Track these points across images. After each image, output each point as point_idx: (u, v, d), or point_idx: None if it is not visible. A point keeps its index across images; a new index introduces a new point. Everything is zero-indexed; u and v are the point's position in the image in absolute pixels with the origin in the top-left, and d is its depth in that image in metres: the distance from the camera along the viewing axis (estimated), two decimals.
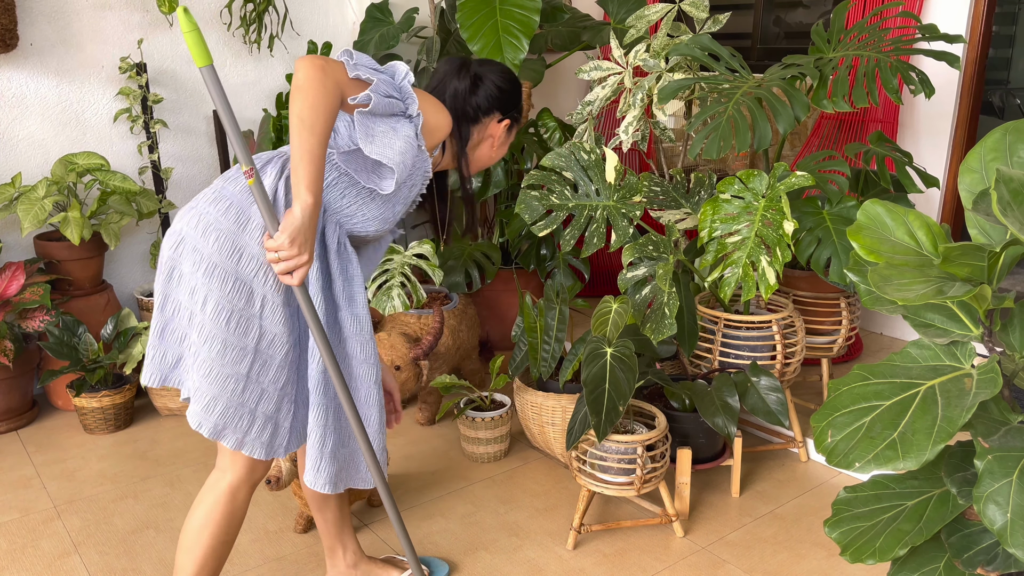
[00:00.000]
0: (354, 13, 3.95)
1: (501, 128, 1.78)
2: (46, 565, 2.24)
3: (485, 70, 1.75)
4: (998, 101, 5.42)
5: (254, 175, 1.47)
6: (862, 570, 2.21)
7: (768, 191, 2.36)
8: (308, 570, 2.21)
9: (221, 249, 1.55)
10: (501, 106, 1.76)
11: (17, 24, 3.04)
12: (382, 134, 1.53)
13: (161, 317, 1.64)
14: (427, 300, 3.19)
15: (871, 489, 1.32)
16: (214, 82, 1.41)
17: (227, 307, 1.56)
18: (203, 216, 1.57)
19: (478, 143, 1.78)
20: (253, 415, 1.65)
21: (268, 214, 1.50)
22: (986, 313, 1.17)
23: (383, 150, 1.52)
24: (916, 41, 2.52)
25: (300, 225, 1.46)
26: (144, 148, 3.43)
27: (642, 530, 2.38)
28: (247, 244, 1.56)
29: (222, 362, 1.58)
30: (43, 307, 2.92)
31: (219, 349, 1.57)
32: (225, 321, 1.56)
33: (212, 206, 1.58)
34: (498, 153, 1.84)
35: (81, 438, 2.97)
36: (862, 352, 3.49)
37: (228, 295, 1.55)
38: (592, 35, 3.51)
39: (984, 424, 1.14)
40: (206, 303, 1.56)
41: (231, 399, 1.61)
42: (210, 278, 1.55)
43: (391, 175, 1.56)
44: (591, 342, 2.29)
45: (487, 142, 1.79)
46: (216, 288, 1.55)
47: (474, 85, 1.72)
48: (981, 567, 1.17)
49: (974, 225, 1.20)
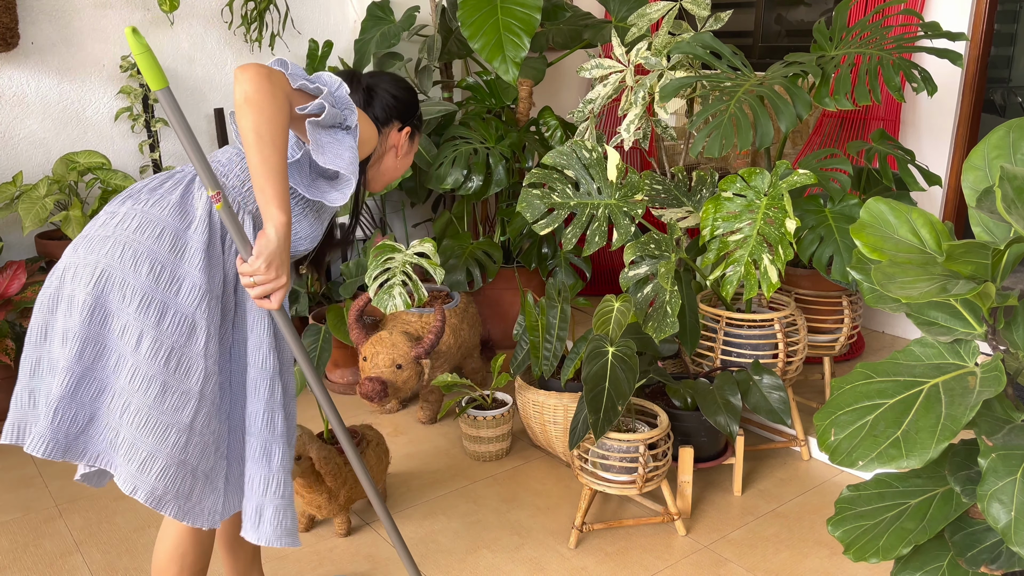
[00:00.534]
0: (355, 11, 3.95)
1: (403, 137, 1.70)
2: (48, 564, 2.24)
3: (376, 80, 1.68)
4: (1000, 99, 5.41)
5: (222, 199, 1.36)
6: (865, 569, 2.20)
7: (770, 189, 2.35)
8: (309, 569, 2.21)
9: (158, 280, 1.40)
10: (399, 115, 1.68)
11: (18, 23, 3.04)
12: (328, 144, 1.44)
13: (78, 366, 1.41)
14: (428, 299, 3.19)
15: (874, 487, 1.32)
16: (171, 105, 1.32)
17: (166, 344, 1.40)
18: (128, 245, 1.40)
19: (381, 155, 1.69)
20: (194, 475, 1.47)
21: (239, 236, 1.39)
22: (990, 311, 1.17)
23: (334, 159, 1.43)
24: (918, 39, 2.51)
25: (276, 248, 1.36)
26: (145, 147, 3.43)
27: (644, 529, 2.38)
28: (187, 273, 1.42)
29: (161, 409, 1.41)
30: None
31: (157, 393, 1.40)
32: (164, 360, 1.40)
33: (138, 234, 1.41)
34: (403, 164, 1.75)
35: None
36: (864, 350, 3.49)
37: (167, 330, 1.40)
38: (593, 33, 3.51)
39: (988, 422, 1.14)
40: (140, 341, 1.39)
41: (172, 455, 1.43)
42: (144, 313, 1.39)
43: (343, 186, 1.49)
44: (593, 341, 2.28)
45: (390, 153, 1.71)
46: (152, 323, 1.39)
47: (368, 97, 1.65)
48: (985, 565, 1.17)
49: (978, 223, 1.20)
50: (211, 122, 3.63)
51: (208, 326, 1.44)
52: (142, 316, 1.39)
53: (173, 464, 1.44)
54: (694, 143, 2.46)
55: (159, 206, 1.45)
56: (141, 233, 1.42)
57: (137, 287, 1.39)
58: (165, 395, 1.41)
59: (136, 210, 1.44)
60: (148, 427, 1.41)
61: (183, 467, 1.45)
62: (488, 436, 2.73)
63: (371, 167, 1.70)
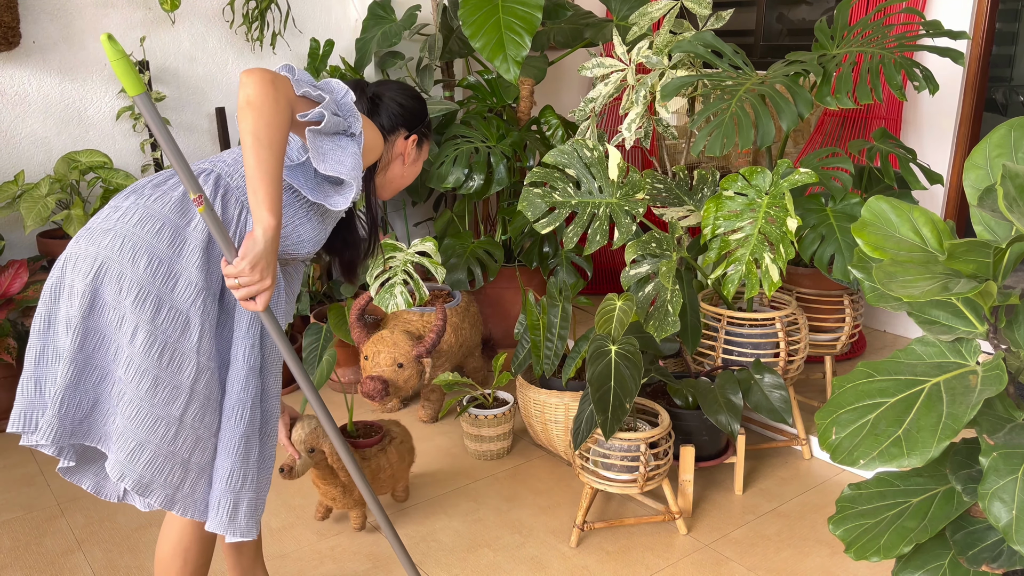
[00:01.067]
0: (356, 10, 3.95)
1: (409, 145, 1.71)
2: (49, 562, 2.24)
3: (382, 89, 1.69)
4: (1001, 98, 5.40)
5: (204, 202, 1.37)
6: (866, 568, 2.20)
7: (771, 188, 2.35)
8: (311, 567, 2.21)
9: (155, 274, 1.42)
10: (405, 122, 1.69)
11: (19, 22, 3.04)
12: (331, 151, 1.45)
13: (81, 355, 1.45)
14: (430, 298, 3.19)
15: (875, 486, 1.32)
16: (149, 110, 1.32)
17: (159, 338, 1.42)
18: (128, 238, 1.42)
19: (388, 163, 1.71)
20: (186, 467, 1.49)
21: (223, 240, 1.40)
22: (991, 310, 1.17)
23: (336, 166, 1.45)
24: (920, 37, 2.51)
25: (261, 250, 1.37)
26: (147, 146, 3.43)
27: (645, 528, 2.38)
28: (184, 269, 1.44)
29: (152, 402, 1.44)
30: None
31: (149, 387, 1.43)
32: (157, 354, 1.42)
33: (139, 227, 1.43)
34: (411, 171, 1.76)
35: None
36: (865, 349, 3.49)
37: (161, 325, 1.42)
38: (595, 32, 3.51)
39: (989, 421, 1.14)
40: (135, 334, 1.41)
41: (160, 446, 1.46)
42: (140, 306, 1.41)
43: (346, 191, 1.49)
44: (594, 340, 2.28)
45: (397, 161, 1.72)
46: (147, 317, 1.41)
47: (373, 106, 1.66)
48: (986, 564, 1.17)
49: (979, 221, 1.20)
50: (212, 121, 3.63)
51: (202, 323, 1.46)
52: (138, 309, 1.41)
53: (161, 455, 1.47)
54: (695, 142, 2.46)
55: (161, 202, 1.46)
56: (141, 227, 1.43)
57: (135, 280, 1.41)
58: (157, 388, 1.44)
59: (138, 204, 1.46)
60: (139, 418, 1.44)
61: (172, 458, 1.48)
62: (489, 435, 2.73)
63: (378, 175, 1.71)
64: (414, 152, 1.73)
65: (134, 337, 1.42)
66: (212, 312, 1.48)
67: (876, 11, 2.66)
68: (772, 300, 2.71)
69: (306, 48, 3.83)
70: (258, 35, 3.63)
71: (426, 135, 1.75)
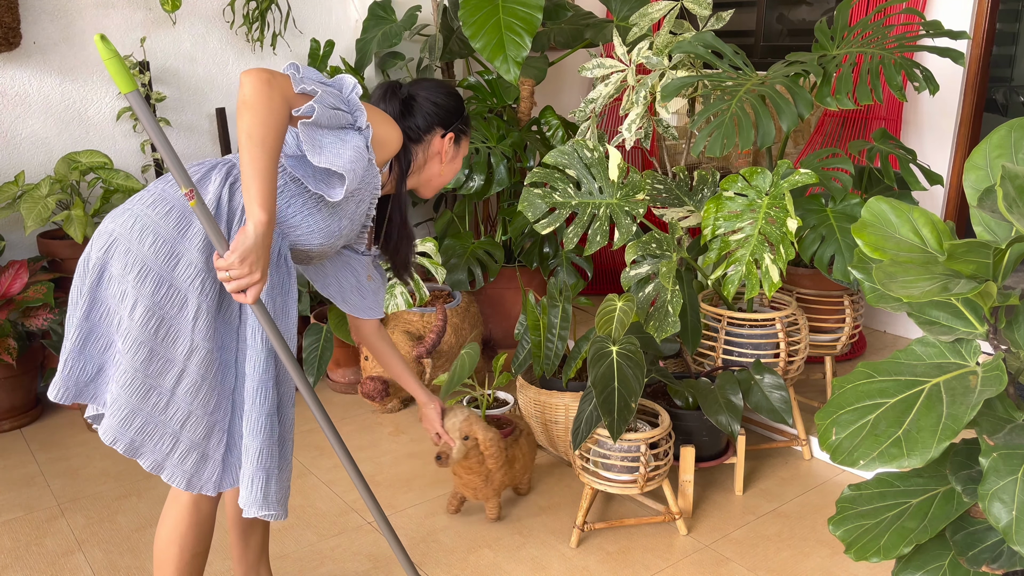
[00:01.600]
0: (356, 11, 3.95)
1: (446, 143, 1.73)
2: (49, 563, 2.24)
3: (417, 89, 1.71)
4: (1001, 98, 5.40)
5: (195, 196, 1.41)
6: (866, 568, 2.20)
7: (771, 189, 2.35)
8: (311, 568, 2.21)
9: (158, 253, 1.49)
10: (440, 121, 1.71)
11: (20, 22, 3.04)
12: (329, 144, 1.48)
13: (86, 324, 1.54)
14: (430, 298, 3.19)
15: (875, 487, 1.32)
16: (141, 107, 1.37)
17: (157, 313, 1.49)
18: (140, 217, 1.50)
19: (424, 163, 1.73)
20: (176, 438, 1.57)
21: (214, 233, 1.44)
22: (991, 310, 1.17)
23: (332, 159, 1.47)
24: (920, 38, 2.51)
25: (252, 244, 1.40)
26: (147, 146, 3.43)
27: (645, 528, 2.38)
28: (186, 250, 1.50)
29: (145, 372, 1.51)
30: (46, 305, 2.92)
31: (144, 358, 1.50)
32: (154, 328, 1.49)
33: (150, 208, 1.51)
34: (450, 169, 1.78)
35: (84, 436, 2.97)
36: (866, 350, 3.49)
37: (160, 301, 1.49)
38: (595, 32, 3.51)
39: (989, 422, 1.14)
40: (135, 308, 1.49)
41: (151, 415, 1.54)
42: (142, 282, 1.48)
43: (341, 183, 1.52)
44: (595, 341, 2.28)
45: (435, 160, 1.74)
46: (147, 293, 1.48)
47: (406, 106, 1.69)
48: (986, 565, 1.17)
49: (979, 222, 1.20)
50: (213, 121, 3.63)
51: (199, 303, 1.51)
52: (139, 285, 1.49)
53: (152, 423, 1.55)
54: (695, 142, 2.46)
55: (175, 186, 1.55)
56: (152, 208, 1.51)
57: (139, 257, 1.49)
58: (151, 360, 1.51)
59: (157, 189, 1.55)
60: (132, 387, 1.52)
61: (162, 427, 1.55)
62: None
63: (416, 174, 1.74)
64: (452, 150, 1.76)
65: (133, 310, 1.49)
66: (212, 294, 1.53)
67: (876, 11, 2.66)
68: (772, 300, 2.71)
69: (306, 49, 3.83)
70: (258, 36, 3.63)
71: (464, 131, 1.77)
